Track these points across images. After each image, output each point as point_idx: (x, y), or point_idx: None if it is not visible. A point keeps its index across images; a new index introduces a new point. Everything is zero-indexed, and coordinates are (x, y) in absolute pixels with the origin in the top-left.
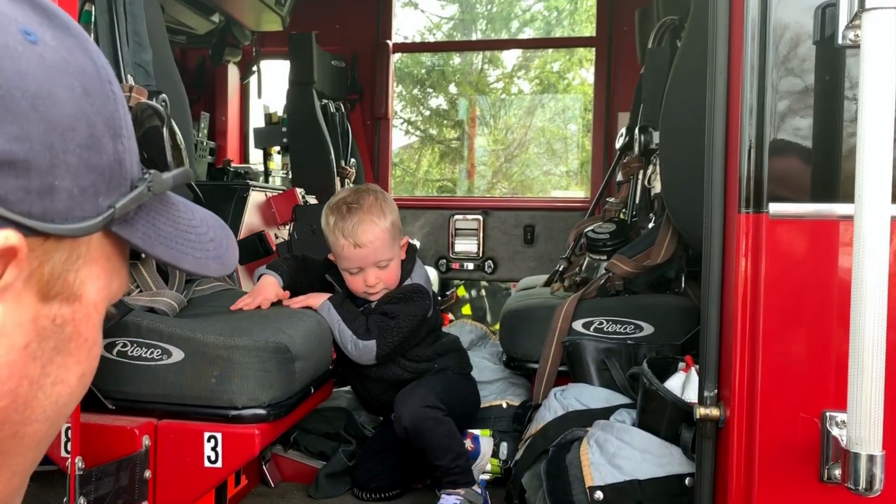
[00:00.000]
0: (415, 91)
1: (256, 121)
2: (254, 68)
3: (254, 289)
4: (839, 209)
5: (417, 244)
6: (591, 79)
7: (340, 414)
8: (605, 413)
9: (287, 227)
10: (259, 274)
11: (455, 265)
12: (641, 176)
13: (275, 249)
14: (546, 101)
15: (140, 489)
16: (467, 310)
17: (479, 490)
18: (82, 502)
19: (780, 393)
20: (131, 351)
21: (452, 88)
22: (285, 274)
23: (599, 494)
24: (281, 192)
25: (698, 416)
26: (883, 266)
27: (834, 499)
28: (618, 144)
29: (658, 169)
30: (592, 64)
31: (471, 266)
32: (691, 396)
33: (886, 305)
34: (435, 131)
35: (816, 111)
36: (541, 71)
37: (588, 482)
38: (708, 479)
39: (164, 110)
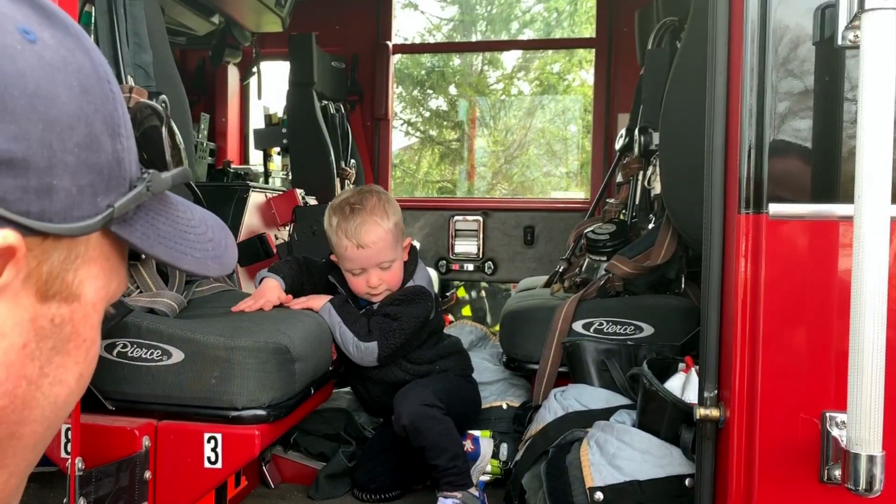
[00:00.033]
0: (415, 92)
1: (256, 122)
2: (254, 69)
3: (256, 292)
4: (839, 210)
5: (417, 245)
6: (591, 80)
7: (340, 415)
8: (606, 414)
9: (287, 228)
10: (261, 277)
11: (455, 266)
12: (641, 177)
13: (275, 251)
14: (546, 103)
15: (140, 490)
16: (467, 311)
17: (477, 493)
18: (82, 503)
19: (780, 393)
20: (131, 352)
21: (452, 89)
22: (287, 277)
23: (599, 495)
24: (281, 194)
25: (698, 417)
26: (883, 267)
27: (834, 499)
28: (618, 145)
29: (658, 170)
30: (592, 65)
31: (471, 267)
32: (691, 397)
33: (886, 306)
34: (435, 132)
35: (816, 112)
36: (541, 72)
37: (588, 483)
38: (708, 480)
39: (164, 110)
